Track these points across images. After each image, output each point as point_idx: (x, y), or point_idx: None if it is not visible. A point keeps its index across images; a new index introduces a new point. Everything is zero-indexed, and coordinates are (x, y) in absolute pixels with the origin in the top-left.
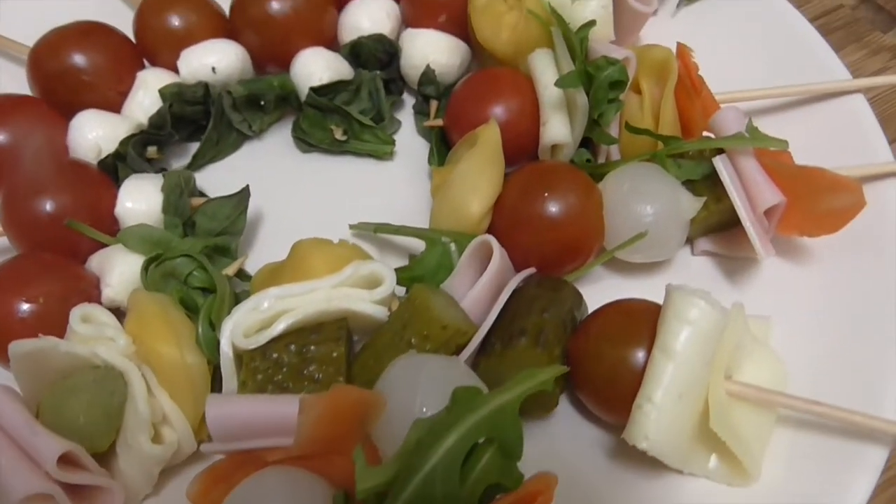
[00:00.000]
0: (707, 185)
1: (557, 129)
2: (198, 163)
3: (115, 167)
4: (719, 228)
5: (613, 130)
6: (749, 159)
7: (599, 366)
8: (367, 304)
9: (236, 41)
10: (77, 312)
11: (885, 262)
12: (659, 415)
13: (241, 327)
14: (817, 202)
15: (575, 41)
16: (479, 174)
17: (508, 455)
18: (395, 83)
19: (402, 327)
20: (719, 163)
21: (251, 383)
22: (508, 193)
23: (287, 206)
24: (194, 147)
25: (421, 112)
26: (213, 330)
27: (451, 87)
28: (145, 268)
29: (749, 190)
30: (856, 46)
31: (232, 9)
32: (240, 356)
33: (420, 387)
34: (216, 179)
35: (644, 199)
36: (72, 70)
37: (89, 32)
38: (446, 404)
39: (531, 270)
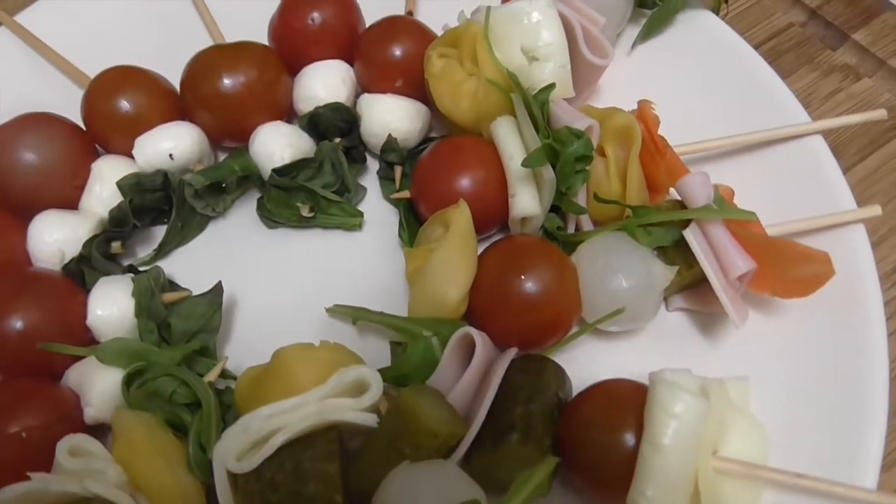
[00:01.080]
0: (678, 251)
1: (526, 202)
2: (164, 251)
3: (81, 271)
4: (692, 286)
5: (581, 197)
6: (718, 227)
7: (589, 452)
8: (357, 413)
9: (190, 121)
10: (64, 446)
11: (858, 310)
12: None
13: (232, 451)
14: (787, 270)
15: (536, 108)
16: (455, 262)
17: None
18: (356, 150)
19: (394, 438)
20: (690, 235)
21: (240, 500)
22: (485, 275)
23: (259, 288)
24: (157, 231)
25: (386, 177)
26: (203, 452)
27: (415, 149)
28: (126, 384)
29: (720, 258)
30: (808, 68)
31: (182, 87)
32: (234, 477)
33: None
34: (184, 264)
35: (618, 274)
36: (22, 170)
37: (35, 125)
38: None
39: (513, 352)
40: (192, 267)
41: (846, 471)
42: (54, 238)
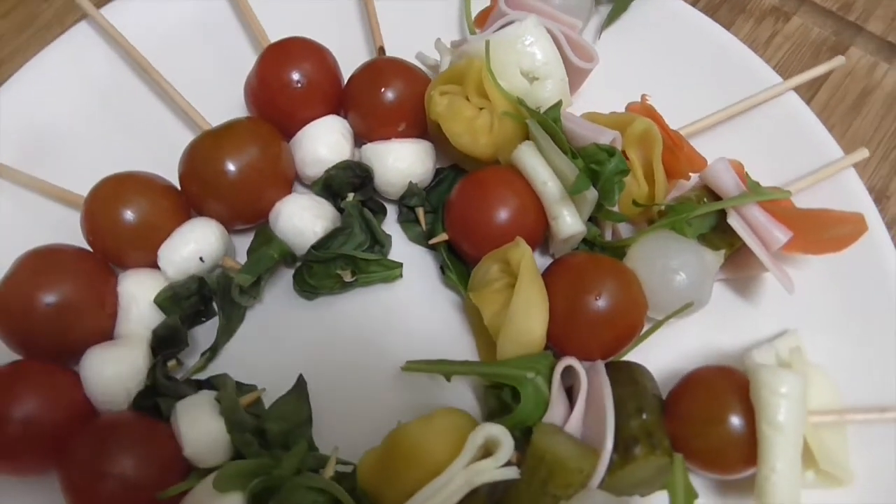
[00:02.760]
0: (717, 234)
1: (571, 223)
2: (216, 353)
3: (155, 403)
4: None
5: None
6: (753, 207)
7: (704, 443)
8: (500, 471)
9: (198, 214)
10: None
11: (871, 247)
12: (785, 479)
13: None
14: (820, 234)
15: (553, 129)
16: (533, 298)
17: None
18: (372, 201)
19: (543, 484)
20: (734, 222)
21: None
22: (556, 302)
23: (318, 361)
24: (198, 331)
25: (407, 220)
26: None
27: (431, 188)
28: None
29: (760, 235)
30: (743, 18)
31: (184, 181)
32: None
33: None
34: (234, 358)
35: (679, 272)
36: (46, 316)
37: (46, 264)
38: None
39: (602, 367)
40: (244, 359)
41: None
42: (111, 374)
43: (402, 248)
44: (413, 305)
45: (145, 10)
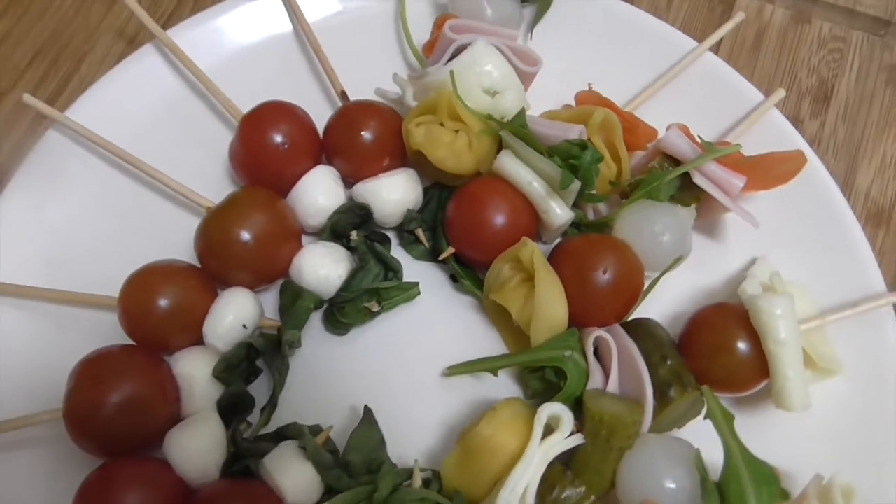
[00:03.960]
0: (684, 192)
1: (561, 213)
2: (276, 406)
3: (245, 468)
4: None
5: None
6: (710, 164)
7: (721, 370)
8: (568, 441)
9: (226, 285)
10: None
11: (814, 173)
12: (797, 383)
13: None
14: (768, 173)
15: (525, 135)
16: (552, 287)
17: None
18: (375, 234)
19: (607, 441)
20: (699, 179)
21: None
22: (569, 283)
23: (367, 387)
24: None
25: (408, 243)
26: None
27: (422, 208)
28: None
29: (721, 185)
30: None
31: (203, 259)
32: None
33: (663, 469)
34: (292, 404)
35: (662, 233)
36: (115, 417)
37: (102, 369)
38: (684, 472)
39: (622, 331)
40: (298, 403)
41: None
42: (197, 449)
43: (411, 268)
44: (435, 317)
45: (112, 103)
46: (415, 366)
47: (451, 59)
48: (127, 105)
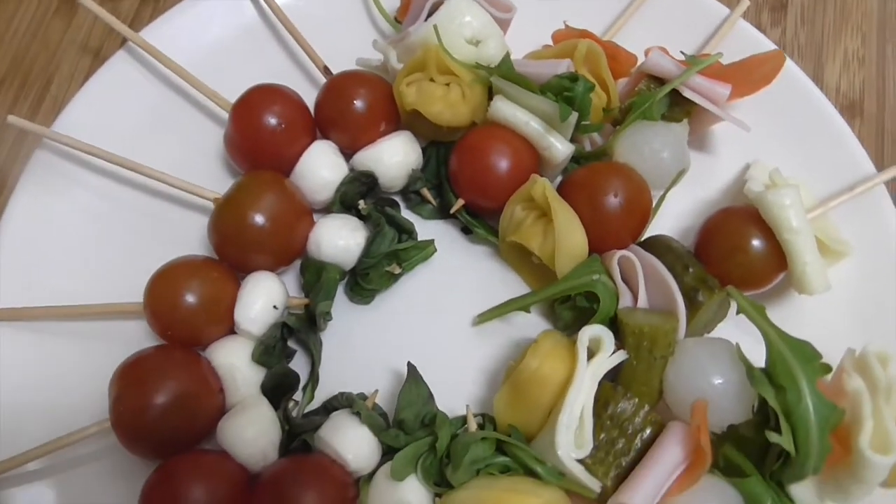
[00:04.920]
0: (674, 109)
1: (562, 147)
2: (318, 381)
3: (304, 442)
4: None
5: None
6: (695, 78)
7: (740, 270)
8: (613, 358)
9: (247, 272)
10: None
11: (789, 72)
12: (815, 267)
13: (570, 447)
14: (750, 77)
15: (516, 77)
16: (569, 216)
17: None
18: (382, 200)
19: (649, 352)
20: (688, 93)
21: (604, 470)
22: (583, 212)
23: (401, 348)
24: None
25: (417, 204)
26: (544, 464)
27: (423, 168)
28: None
29: (708, 96)
30: None
31: (220, 250)
32: (582, 462)
33: (708, 368)
34: (332, 376)
35: (662, 151)
36: (164, 417)
37: (143, 372)
38: (727, 366)
39: (639, 249)
40: (338, 374)
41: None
42: (253, 434)
43: (422, 229)
44: (454, 271)
45: (96, 113)
46: (443, 321)
47: (428, 17)
48: (111, 113)
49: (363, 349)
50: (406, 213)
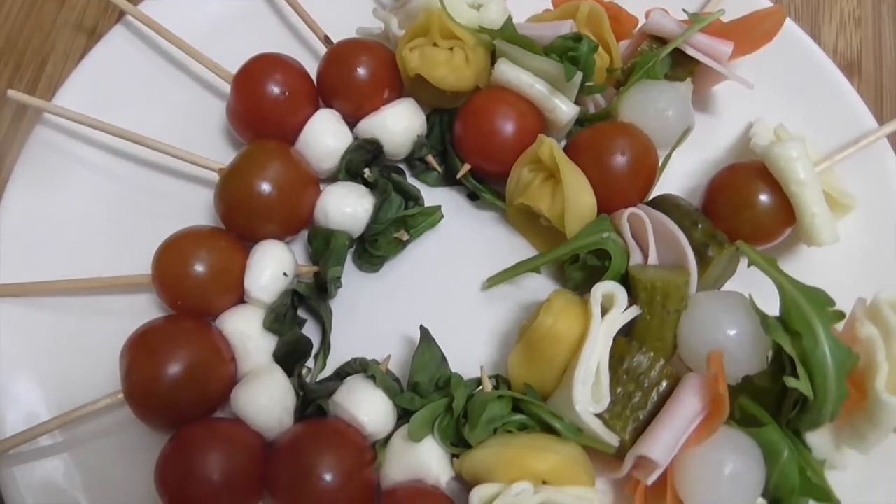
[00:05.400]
0: (677, 69)
1: (567, 109)
2: (329, 348)
3: (319, 407)
4: None
5: None
6: (697, 36)
7: (748, 225)
8: (627, 314)
9: (254, 241)
10: (477, 496)
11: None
12: (823, 218)
13: (588, 402)
14: (751, 34)
15: (520, 40)
16: (577, 176)
17: None
18: (388, 168)
19: (662, 307)
20: (691, 51)
21: (622, 424)
22: (590, 172)
23: (411, 315)
24: None
25: (422, 172)
26: (562, 419)
27: (427, 135)
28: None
29: (711, 54)
30: None
31: (227, 220)
32: (599, 416)
33: (721, 319)
34: (344, 343)
35: (667, 109)
36: (178, 387)
37: (155, 343)
38: (741, 317)
39: (647, 208)
40: (349, 342)
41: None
42: (267, 401)
43: (428, 196)
44: (461, 237)
45: (95, 87)
46: (453, 286)
47: None
48: (109, 89)
49: (373, 317)
50: (412, 181)
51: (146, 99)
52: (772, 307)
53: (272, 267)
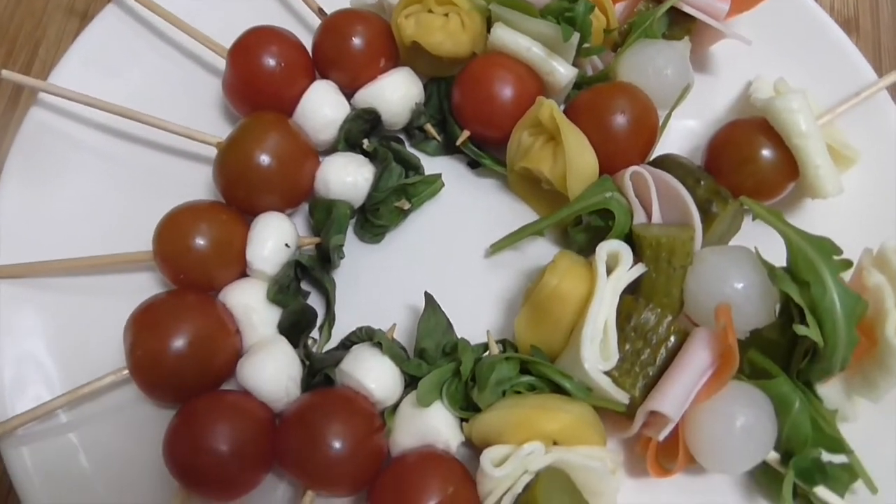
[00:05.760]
0: (674, 28)
1: (565, 71)
2: (334, 319)
3: (326, 377)
4: None
5: None
6: None
7: (751, 180)
8: (632, 272)
9: (256, 213)
10: (488, 457)
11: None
12: (827, 169)
13: (596, 359)
14: None
15: (516, 3)
16: (578, 136)
17: None
18: (387, 138)
19: (668, 263)
20: (688, 9)
21: (631, 381)
22: (590, 133)
23: (414, 285)
24: None
25: (421, 142)
26: (571, 378)
27: (425, 104)
28: (457, 402)
29: (709, 12)
30: None
31: (227, 193)
32: (608, 373)
33: (728, 273)
34: (348, 314)
35: (665, 68)
36: (184, 360)
37: (159, 316)
38: (748, 269)
39: (649, 167)
40: (354, 312)
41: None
42: (273, 370)
43: (428, 165)
44: (463, 205)
45: (88, 66)
46: (456, 255)
47: None
48: (103, 68)
49: (377, 288)
50: (411, 152)
51: (141, 77)
52: (777, 262)
53: (274, 238)
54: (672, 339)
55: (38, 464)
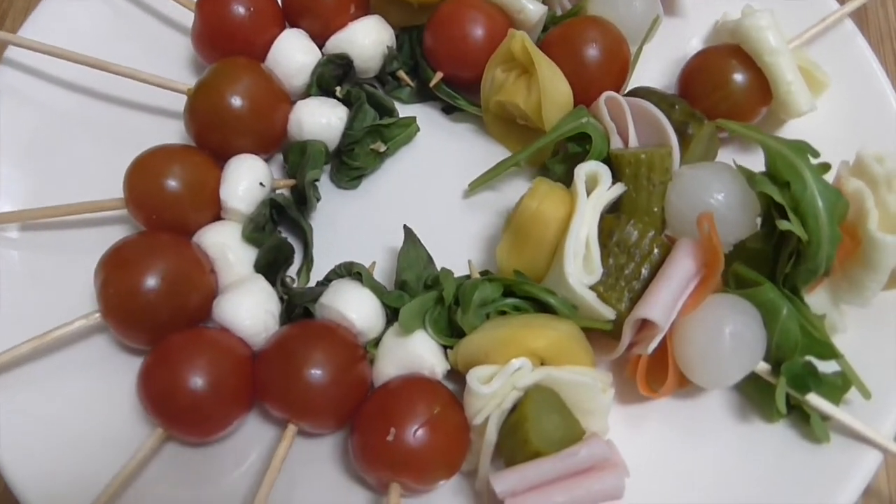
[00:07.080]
0: None
1: (535, 8)
2: (312, 260)
3: (305, 309)
4: None
5: None
6: None
7: (725, 104)
8: (611, 191)
9: (230, 157)
10: (474, 376)
11: None
12: (799, 85)
13: (581, 275)
14: None
15: None
16: (551, 66)
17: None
18: (361, 84)
19: (648, 179)
20: None
21: (617, 296)
22: (564, 66)
23: (394, 227)
24: None
25: (395, 89)
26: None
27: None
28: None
29: None
30: None
31: (200, 137)
32: (595, 288)
33: (708, 184)
34: (325, 257)
35: (634, 1)
36: (160, 296)
37: (132, 256)
38: (728, 179)
39: (621, 96)
40: (331, 255)
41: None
42: (251, 305)
43: (403, 112)
44: (439, 149)
45: (58, 22)
46: (434, 198)
47: None
48: (70, 26)
49: (355, 233)
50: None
51: (110, 35)
52: None
53: (248, 177)
54: (655, 252)
55: (8, 413)
